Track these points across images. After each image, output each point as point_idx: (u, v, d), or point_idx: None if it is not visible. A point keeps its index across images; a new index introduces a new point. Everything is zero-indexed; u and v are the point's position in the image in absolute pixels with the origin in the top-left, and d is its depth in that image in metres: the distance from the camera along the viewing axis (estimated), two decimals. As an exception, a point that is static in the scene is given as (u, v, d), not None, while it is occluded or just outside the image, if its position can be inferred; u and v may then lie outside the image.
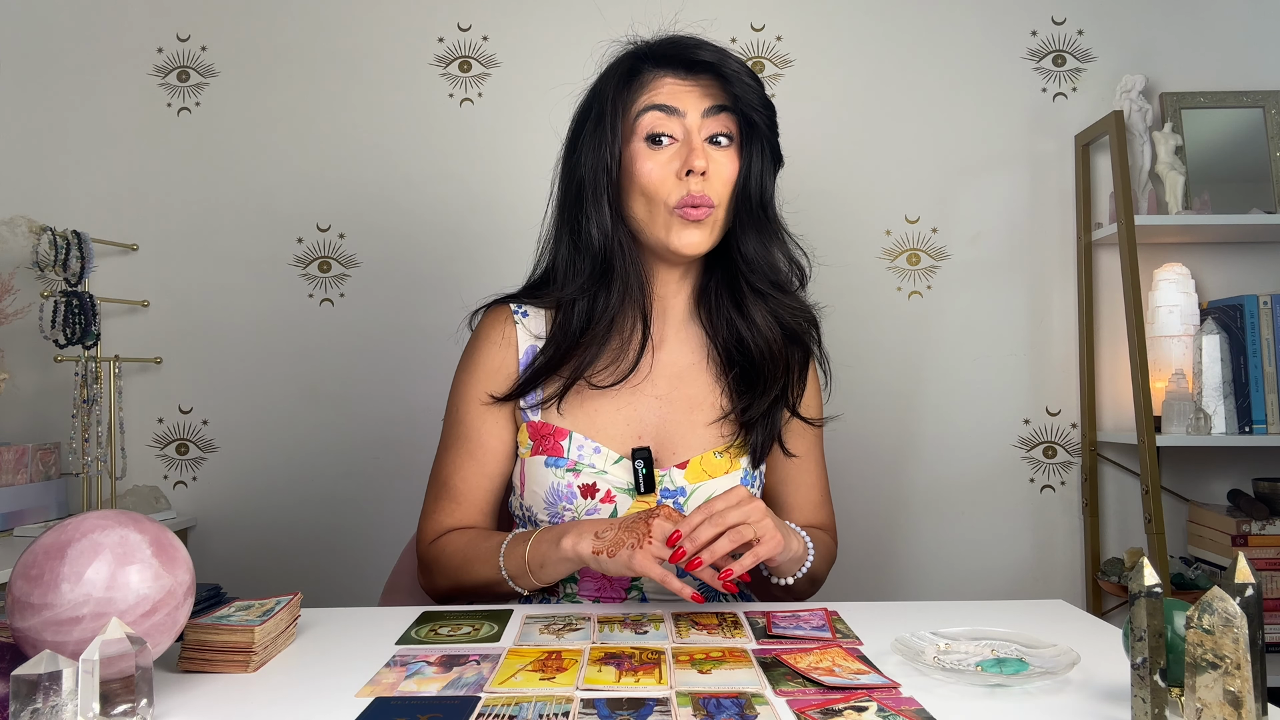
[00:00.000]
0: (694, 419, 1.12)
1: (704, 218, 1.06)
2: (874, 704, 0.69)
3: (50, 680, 0.60)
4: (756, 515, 0.92)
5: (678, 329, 1.16)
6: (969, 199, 2.06)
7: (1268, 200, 1.97)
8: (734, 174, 1.08)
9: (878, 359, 2.04)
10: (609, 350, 1.10)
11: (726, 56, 1.08)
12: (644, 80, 1.08)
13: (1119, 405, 2.03)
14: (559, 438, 1.10)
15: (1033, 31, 2.07)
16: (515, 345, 1.14)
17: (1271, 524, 1.85)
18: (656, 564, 0.90)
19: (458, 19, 2.07)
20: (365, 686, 0.75)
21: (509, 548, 1.03)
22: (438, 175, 2.04)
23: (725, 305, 1.14)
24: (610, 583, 1.09)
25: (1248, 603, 0.58)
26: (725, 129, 1.08)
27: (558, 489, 1.08)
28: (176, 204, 2.04)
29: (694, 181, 1.04)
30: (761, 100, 1.09)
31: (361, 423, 2.02)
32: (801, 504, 1.20)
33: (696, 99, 1.07)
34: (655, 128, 1.06)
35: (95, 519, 0.73)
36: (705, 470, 1.09)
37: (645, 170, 1.06)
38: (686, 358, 1.15)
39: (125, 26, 2.05)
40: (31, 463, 1.82)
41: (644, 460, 1.03)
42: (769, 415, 1.12)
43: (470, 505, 1.13)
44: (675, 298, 1.16)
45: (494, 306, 1.17)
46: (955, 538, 2.03)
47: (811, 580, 1.10)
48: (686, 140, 1.06)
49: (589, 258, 1.09)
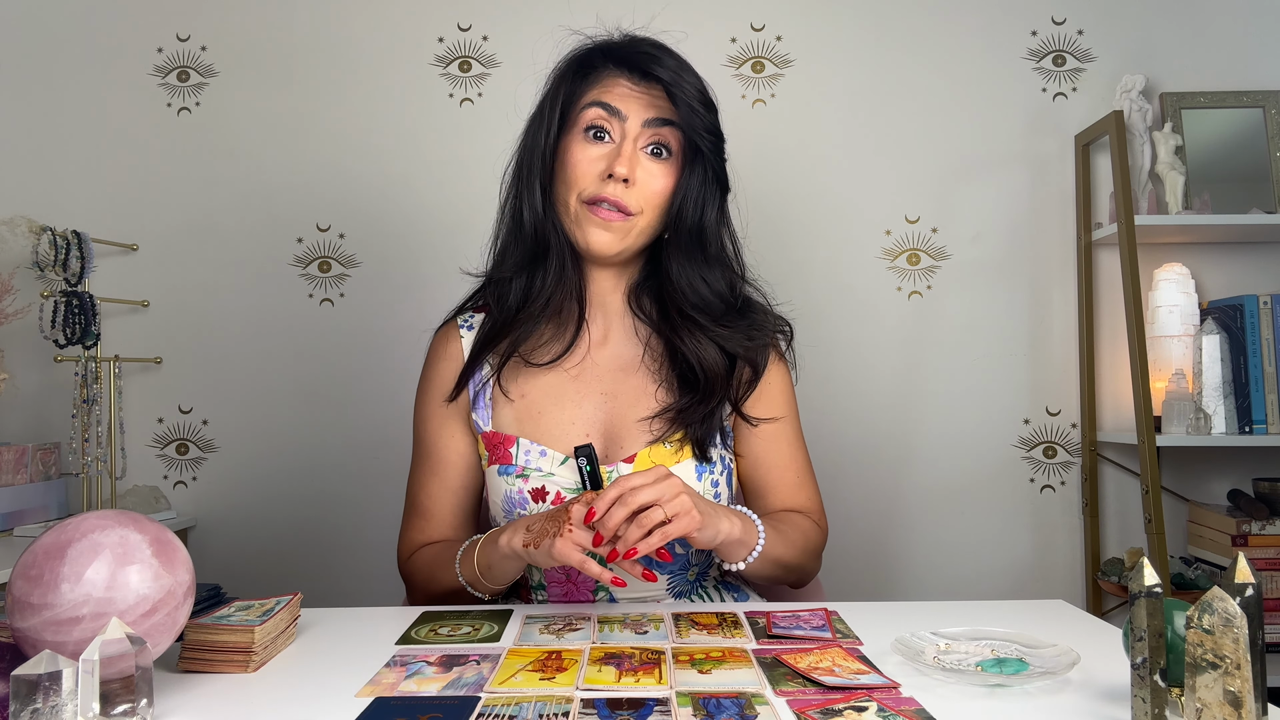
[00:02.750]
0: (639, 410, 1.11)
1: (615, 220, 1.06)
2: (874, 704, 0.69)
3: (50, 680, 0.60)
4: (670, 493, 0.90)
5: (620, 324, 1.16)
6: (969, 199, 2.06)
7: (1268, 200, 1.97)
8: (666, 189, 1.08)
9: (878, 359, 2.04)
10: (546, 329, 1.11)
11: (682, 76, 1.07)
12: (599, 76, 1.10)
13: (1119, 405, 2.03)
14: (508, 445, 1.10)
15: (1033, 31, 2.07)
16: (460, 357, 1.15)
17: (1271, 524, 1.85)
18: (576, 551, 0.89)
19: (458, 19, 2.07)
20: (365, 686, 0.75)
21: (463, 555, 1.03)
22: (438, 175, 2.04)
23: (656, 309, 1.14)
24: (576, 585, 1.09)
25: (1248, 603, 0.58)
26: (665, 141, 1.08)
27: (510, 496, 1.08)
28: (176, 204, 2.04)
29: (613, 185, 1.05)
30: (707, 126, 1.08)
31: (361, 423, 2.02)
32: (776, 484, 1.15)
33: (641, 107, 1.07)
34: (595, 123, 1.07)
35: (95, 519, 0.73)
36: (654, 462, 1.07)
37: (573, 162, 1.07)
38: (629, 350, 1.15)
39: (125, 26, 2.05)
40: (31, 463, 1.82)
41: (587, 457, 1.00)
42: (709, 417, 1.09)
43: (438, 520, 1.15)
44: (613, 294, 1.16)
45: (442, 327, 1.20)
46: (955, 538, 2.03)
47: (779, 565, 1.06)
48: (620, 144, 1.06)
49: (524, 236, 1.11)
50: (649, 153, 1.07)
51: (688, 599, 1.13)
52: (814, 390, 1.98)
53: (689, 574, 1.12)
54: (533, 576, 1.11)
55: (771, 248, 1.95)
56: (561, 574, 1.08)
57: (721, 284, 1.12)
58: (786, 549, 1.07)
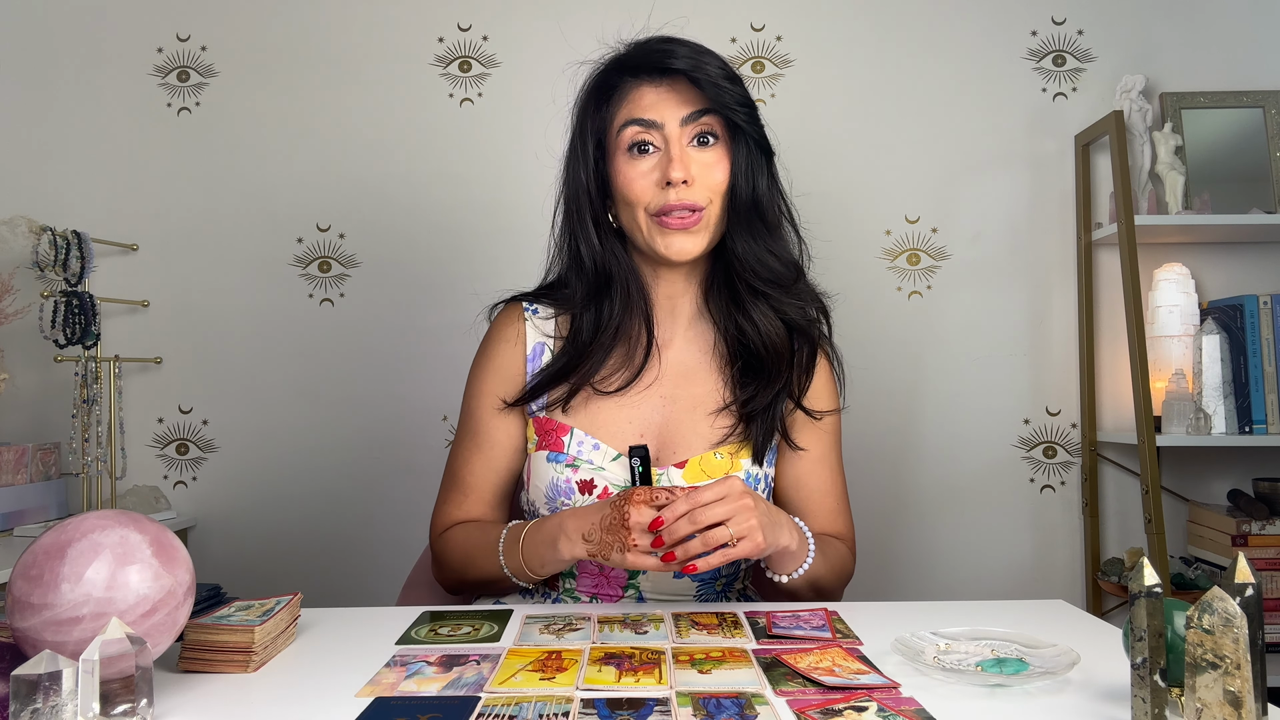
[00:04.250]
0: (696, 416, 1.12)
1: (691, 225, 1.06)
2: (874, 704, 0.69)
3: (50, 680, 0.60)
4: (742, 515, 0.91)
5: (686, 328, 1.16)
6: (969, 199, 2.06)
7: (1268, 200, 1.97)
8: (724, 174, 1.08)
9: (878, 359, 2.04)
10: (615, 356, 1.12)
11: (702, 59, 1.06)
12: (622, 93, 1.09)
13: (1119, 405, 2.03)
14: (561, 433, 1.10)
15: (1033, 31, 2.07)
16: (524, 342, 1.16)
17: (1271, 524, 1.85)
18: (649, 559, 0.91)
19: (458, 19, 2.07)
20: (365, 686, 0.75)
21: (507, 548, 1.04)
22: (438, 175, 2.04)
23: (726, 301, 1.14)
24: (607, 579, 1.09)
25: (1248, 603, 0.58)
26: (708, 129, 1.08)
27: (557, 484, 1.09)
28: (176, 204, 2.04)
29: (674, 191, 1.05)
30: (740, 99, 1.07)
31: (361, 423, 2.02)
32: (815, 511, 1.15)
33: (674, 107, 1.06)
34: (635, 140, 1.07)
35: (95, 519, 0.73)
36: (705, 471, 1.08)
37: (626, 181, 1.07)
38: (694, 356, 1.16)
39: (125, 26, 2.05)
40: (31, 463, 1.82)
41: (640, 458, 1.02)
42: (771, 408, 1.11)
43: (477, 498, 1.15)
44: (683, 296, 1.16)
45: (508, 304, 1.19)
46: (955, 538, 2.03)
47: (813, 586, 1.07)
48: (667, 150, 1.06)
49: (585, 272, 1.11)
50: (695, 144, 1.07)
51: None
52: (814, 390, 1.98)
53: (716, 584, 1.13)
54: None
55: (771, 248, 1.95)
56: (595, 566, 1.09)
57: (787, 251, 1.13)
58: (826, 572, 1.07)
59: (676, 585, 1.10)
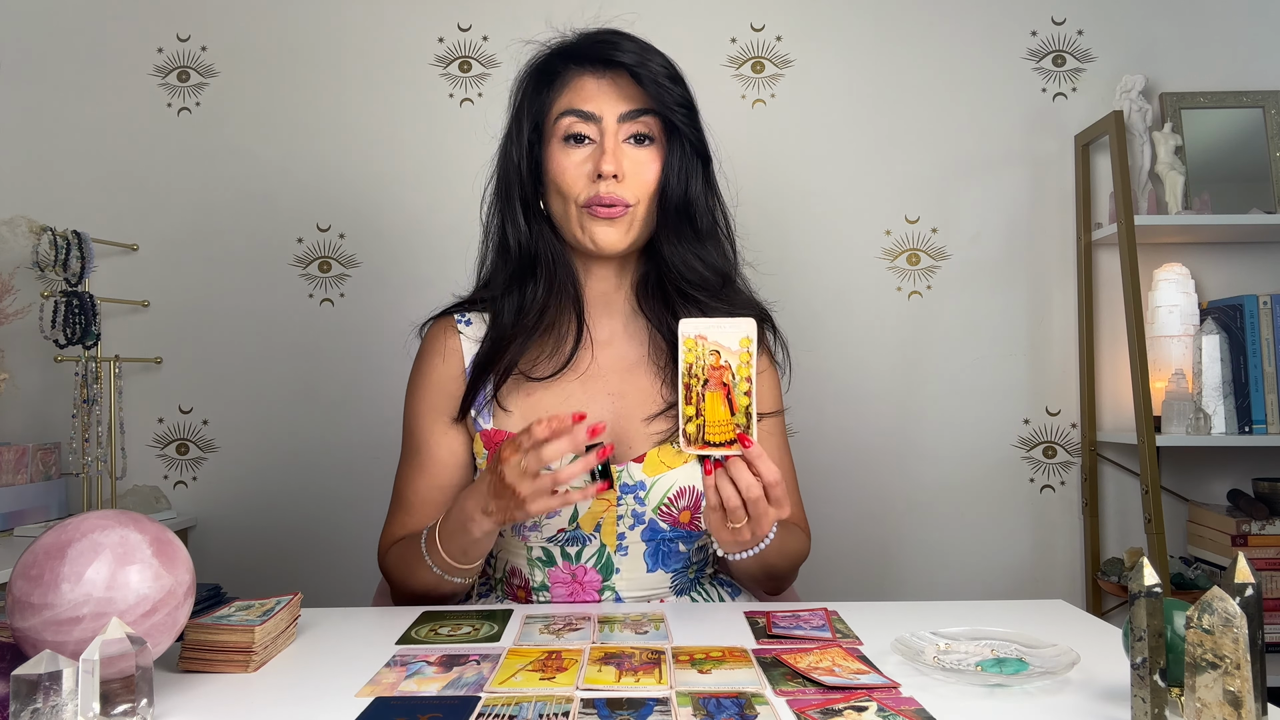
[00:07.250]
0: (646, 412, 1.11)
1: (617, 216, 1.06)
2: (874, 704, 0.69)
3: (50, 680, 0.60)
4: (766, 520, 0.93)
5: (625, 323, 1.16)
6: (969, 199, 2.06)
7: (1268, 200, 1.97)
8: (655, 174, 1.08)
9: (878, 359, 2.04)
10: (543, 342, 1.10)
11: (646, 56, 1.07)
12: (565, 79, 1.09)
13: (1119, 405, 2.03)
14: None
15: (1033, 31, 2.07)
16: (460, 355, 1.14)
17: (1271, 524, 1.85)
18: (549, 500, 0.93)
19: (458, 19, 2.07)
20: (365, 686, 0.75)
21: (428, 548, 1.03)
22: (438, 175, 2.04)
23: (658, 303, 1.14)
24: (582, 586, 1.09)
25: (1248, 603, 0.58)
26: (645, 129, 1.08)
27: None
28: (176, 204, 2.04)
29: (604, 184, 1.05)
30: (679, 100, 1.08)
31: (361, 423, 2.02)
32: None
33: (614, 101, 1.07)
34: (572, 129, 1.07)
35: (95, 519, 0.73)
36: (663, 462, 1.08)
37: (560, 169, 1.07)
38: (636, 351, 1.15)
39: (125, 27, 2.05)
40: (31, 463, 1.82)
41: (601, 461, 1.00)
42: None
43: (421, 516, 1.14)
44: (616, 293, 1.15)
45: (439, 319, 1.18)
46: (955, 538, 2.03)
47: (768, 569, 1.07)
48: (601, 143, 1.06)
49: (510, 255, 1.11)
50: (631, 142, 1.07)
51: (688, 596, 1.13)
52: (814, 390, 1.99)
53: (689, 571, 1.13)
54: (534, 578, 1.11)
55: (772, 248, 1.96)
56: (566, 575, 1.09)
57: (716, 259, 1.12)
58: (779, 556, 1.07)
59: (651, 580, 1.10)
